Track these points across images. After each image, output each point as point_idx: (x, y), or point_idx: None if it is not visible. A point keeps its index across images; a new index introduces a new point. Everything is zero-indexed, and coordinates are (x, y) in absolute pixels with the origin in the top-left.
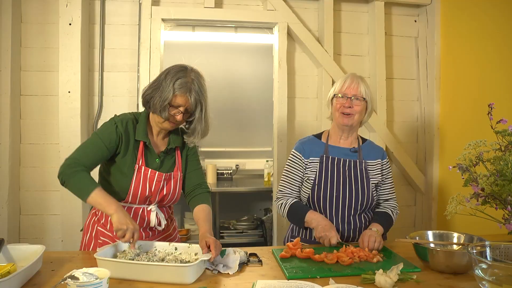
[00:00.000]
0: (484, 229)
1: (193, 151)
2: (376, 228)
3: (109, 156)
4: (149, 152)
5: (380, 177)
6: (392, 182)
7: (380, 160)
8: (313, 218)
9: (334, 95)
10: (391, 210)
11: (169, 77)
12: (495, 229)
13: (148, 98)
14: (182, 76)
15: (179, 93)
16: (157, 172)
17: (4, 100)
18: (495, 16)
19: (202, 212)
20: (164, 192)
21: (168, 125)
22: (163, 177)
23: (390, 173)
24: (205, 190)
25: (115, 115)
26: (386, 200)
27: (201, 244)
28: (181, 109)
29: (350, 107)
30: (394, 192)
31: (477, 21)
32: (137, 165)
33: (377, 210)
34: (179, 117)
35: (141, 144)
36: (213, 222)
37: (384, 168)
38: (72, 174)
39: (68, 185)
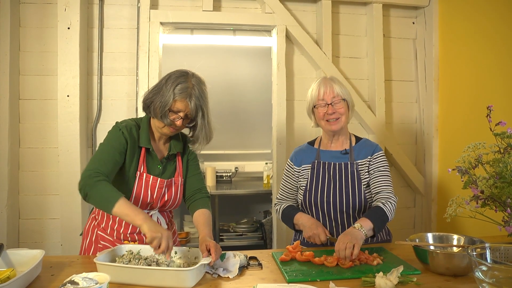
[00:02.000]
0: (484, 231)
1: (193, 156)
2: (359, 224)
3: (121, 162)
4: (151, 158)
5: (368, 175)
6: (384, 173)
7: (369, 156)
8: (299, 219)
9: (314, 106)
10: (382, 202)
11: (170, 82)
12: (494, 231)
13: (149, 102)
14: (182, 81)
15: (179, 98)
16: (159, 178)
17: (3, 104)
18: (493, 17)
19: (202, 216)
20: (166, 198)
21: (168, 130)
22: (165, 184)
23: (383, 166)
24: (205, 195)
25: (117, 122)
26: (378, 192)
27: (201, 248)
28: (181, 114)
29: (333, 112)
30: (387, 184)
31: (475, 23)
32: (138, 172)
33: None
34: (178, 122)
35: (143, 150)
36: (212, 225)
37: (372, 162)
38: (94, 185)
39: (90, 198)
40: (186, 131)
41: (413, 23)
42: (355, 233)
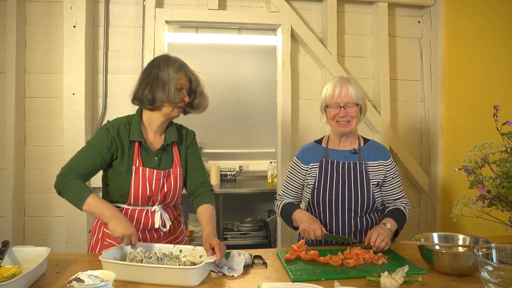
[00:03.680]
0: (490, 231)
1: (194, 149)
2: (389, 225)
3: (104, 162)
4: (146, 152)
5: (382, 177)
6: (400, 181)
7: (383, 161)
8: (297, 215)
9: (327, 105)
10: (403, 206)
11: (163, 66)
12: (501, 231)
13: (150, 95)
14: (173, 61)
15: (180, 76)
16: (155, 170)
17: (9, 102)
18: (498, 17)
19: (205, 213)
20: (165, 190)
21: (177, 112)
22: (162, 175)
23: (397, 172)
24: (208, 188)
25: (108, 120)
26: (396, 199)
27: (205, 247)
28: (185, 89)
29: (345, 115)
30: (403, 190)
31: (481, 22)
32: (134, 166)
33: (388, 208)
34: (187, 98)
35: (136, 144)
36: (216, 223)
37: (388, 169)
38: (66, 183)
39: (64, 195)
40: (181, 120)
41: (419, 22)
42: (388, 232)
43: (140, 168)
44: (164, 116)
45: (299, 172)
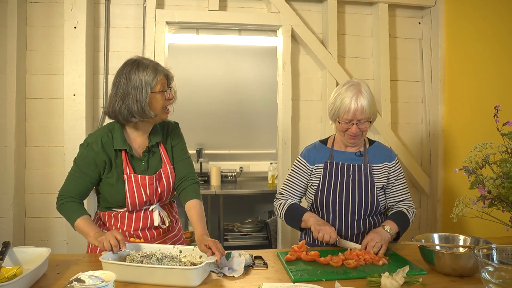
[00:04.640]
0: (491, 231)
1: (178, 141)
2: (388, 227)
3: (94, 179)
4: (133, 159)
5: (386, 180)
6: (405, 182)
7: (387, 163)
8: (311, 216)
9: (338, 119)
10: (406, 209)
11: (140, 73)
12: (501, 231)
13: (139, 109)
14: (146, 66)
15: (159, 78)
16: (147, 176)
17: (10, 103)
18: (499, 17)
19: (193, 210)
20: (159, 191)
21: (165, 114)
22: (154, 179)
23: (402, 174)
24: (192, 181)
25: (89, 135)
26: (400, 201)
27: (201, 249)
28: (166, 87)
29: (356, 131)
30: (408, 193)
31: (481, 23)
32: (125, 175)
33: (392, 211)
34: (170, 95)
35: (123, 153)
36: (217, 224)
37: (392, 170)
38: (60, 207)
39: (63, 216)
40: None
41: (419, 23)
42: (384, 234)
43: (132, 175)
44: (154, 122)
45: (304, 172)
